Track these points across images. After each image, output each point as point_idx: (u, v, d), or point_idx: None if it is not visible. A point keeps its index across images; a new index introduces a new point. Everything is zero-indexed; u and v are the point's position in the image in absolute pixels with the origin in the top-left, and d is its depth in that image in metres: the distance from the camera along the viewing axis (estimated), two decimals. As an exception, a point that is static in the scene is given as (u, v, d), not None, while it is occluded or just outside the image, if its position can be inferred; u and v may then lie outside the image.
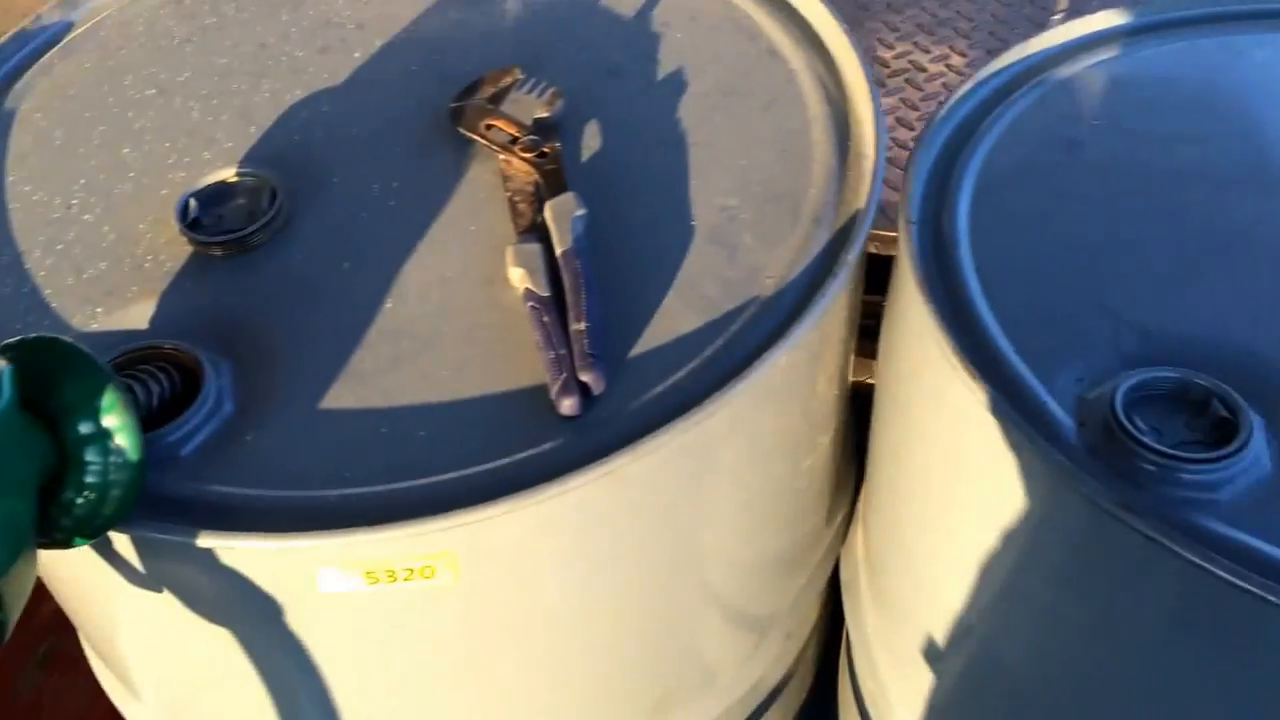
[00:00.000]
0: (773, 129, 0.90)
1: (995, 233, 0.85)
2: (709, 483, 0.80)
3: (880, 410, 0.94)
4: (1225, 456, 0.69)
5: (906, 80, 1.39)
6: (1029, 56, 0.98)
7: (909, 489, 0.90)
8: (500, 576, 0.75)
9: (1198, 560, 0.65)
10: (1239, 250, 0.82)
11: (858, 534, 1.06)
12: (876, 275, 0.96)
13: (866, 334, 0.96)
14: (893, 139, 1.29)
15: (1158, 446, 0.70)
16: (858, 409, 1.03)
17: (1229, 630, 0.69)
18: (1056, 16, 1.45)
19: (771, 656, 1.00)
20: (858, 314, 0.93)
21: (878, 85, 1.39)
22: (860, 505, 1.07)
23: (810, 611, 1.06)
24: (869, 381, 1.01)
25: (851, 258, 0.80)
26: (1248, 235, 0.83)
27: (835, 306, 0.82)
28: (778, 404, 0.81)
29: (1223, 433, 0.71)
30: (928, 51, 1.43)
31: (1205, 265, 0.81)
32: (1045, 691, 0.85)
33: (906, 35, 1.45)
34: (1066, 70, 0.97)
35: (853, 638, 1.06)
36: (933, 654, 0.93)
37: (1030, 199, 0.87)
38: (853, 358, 0.97)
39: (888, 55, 1.43)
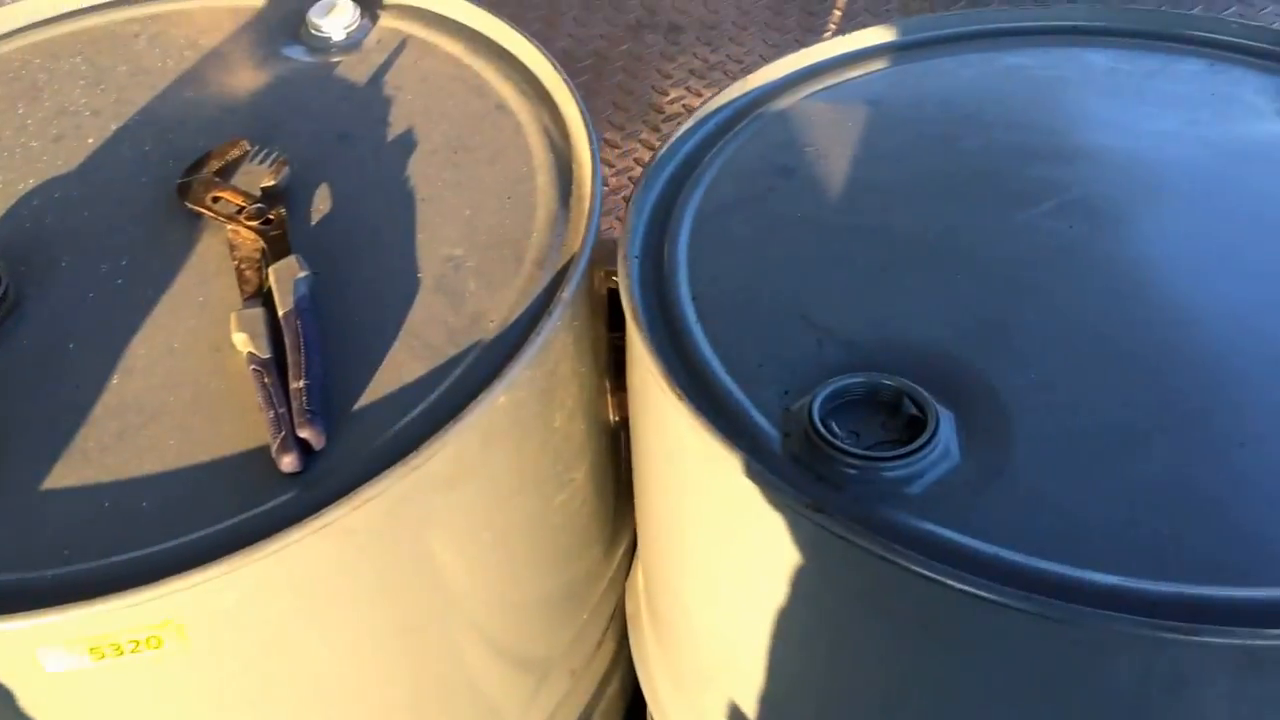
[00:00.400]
0: (499, 179, 0.94)
1: (712, 261, 0.89)
2: (446, 526, 0.82)
3: (634, 442, 0.97)
4: (914, 451, 0.73)
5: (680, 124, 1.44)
6: (749, 92, 1.03)
7: (655, 515, 0.93)
8: (237, 640, 0.76)
9: (882, 552, 0.69)
10: (934, 258, 0.87)
11: (638, 565, 1.09)
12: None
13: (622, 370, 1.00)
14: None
15: (849, 448, 0.74)
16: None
17: (931, 621, 0.73)
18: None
19: (558, 695, 1.01)
20: (601, 349, 0.96)
21: (653, 130, 1.45)
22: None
23: (596, 647, 1.08)
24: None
25: (567, 295, 0.83)
26: (942, 244, 0.88)
27: (559, 343, 0.85)
28: (510, 443, 0.84)
29: (914, 430, 0.75)
30: (700, 95, 1.48)
31: (903, 275, 0.86)
32: (806, 701, 0.88)
33: (680, 81, 1.51)
34: (783, 103, 1.02)
35: (638, 670, 1.08)
36: (701, 679, 0.96)
37: (746, 226, 0.92)
38: (611, 394, 1.00)
39: (663, 101, 1.49)
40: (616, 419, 1.03)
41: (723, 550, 0.83)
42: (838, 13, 1.57)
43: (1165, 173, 0.93)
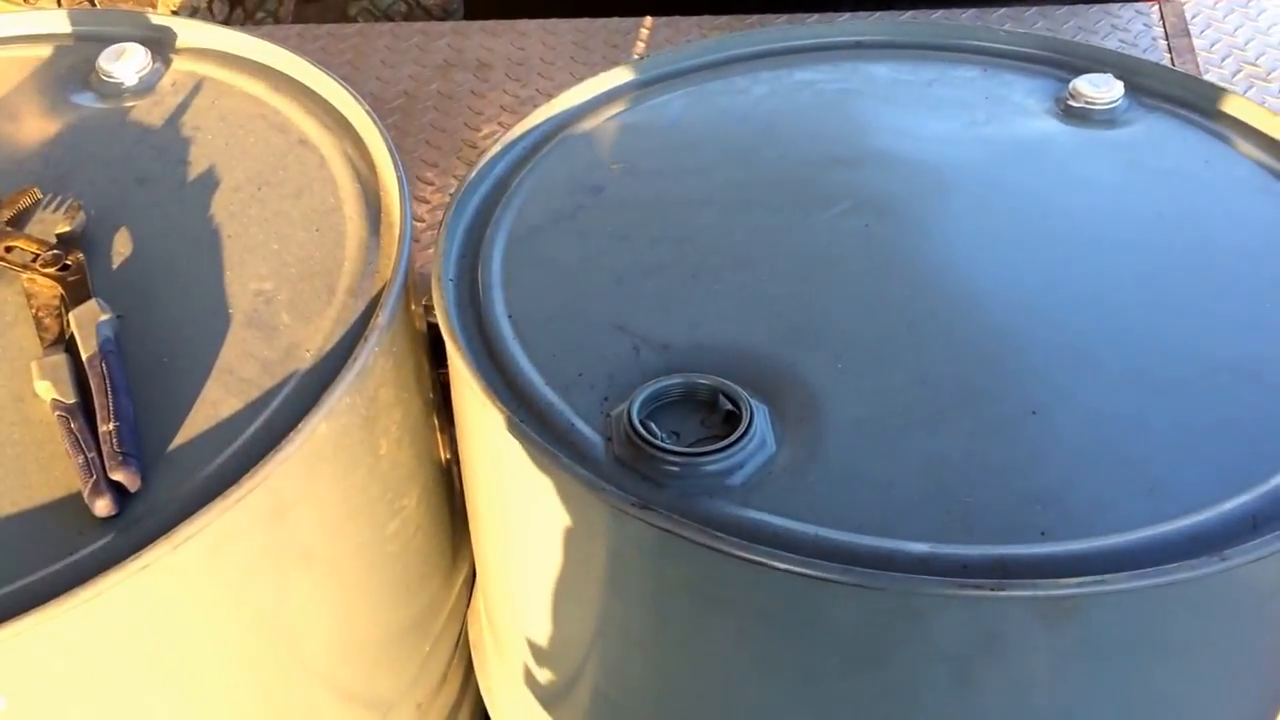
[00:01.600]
0: (306, 212, 0.94)
1: (526, 279, 0.91)
2: (275, 561, 0.81)
3: (464, 469, 0.98)
4: (731, 445, 0.76)
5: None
6: (553, 116, 1.06)
7: (489, 536, 0.94)
8: (60, 692, 0.74)
9: (708, 542, 0.71)
10: (740, 263, 0.91)
11: (479, 593, 1.09)
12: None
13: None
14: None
15: (669, 446, 0.76)
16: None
17: (760, 605, 0.76)
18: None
19: (406, 731, 1.01)
20: (425, 380, 0.97)
21: (468, 165, 1.47)
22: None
23: (442, 680, 1.07)
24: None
25: (383, 321, 0.84)
26: (747, 249, 0.92)
27: (378, 369, 0.86)
28: (335, 470, 0.84)
29: (732, 425, 0.78)
30: (512, 130, 1.51)
31: (713, 280, 0.90)
32: (650, 703, 0.90)
33: (492, 117, 1.53)
34: (587, 124, 1.06)
35: (485, 699, 1.08)
36: (548, 697, 0.96)
37: (559, 243, 0.94)
38: (441, 429, 1.01)
39: (476, 137, 1.50)
40: (448, 456, 1.04)
41: (556, 562, 0.84)
42: (640, 44, 1.62)
43: (949, 171, 0.99)
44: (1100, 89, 1.04)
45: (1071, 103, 1.04)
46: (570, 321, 0.87)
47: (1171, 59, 1.54)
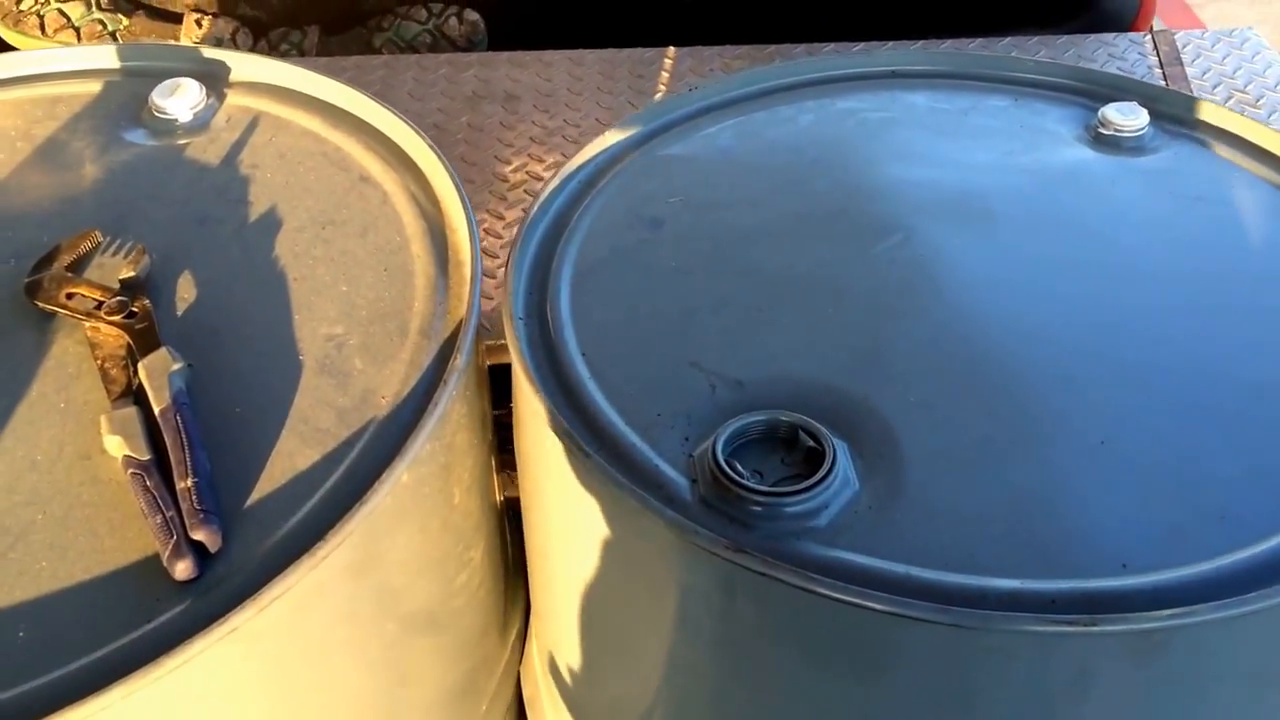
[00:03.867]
0: (372, 252, 0.83)
1: (596, 315, 0.80)
2: (352, 619, 0.70)
3: (527, 515, 0.87)
4: (816, 484, 0.67)
5: (526, 191, 1.36)
6: (607, 149, 0.96)
7: (560, 587, 0.83)
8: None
9: (802, 584, 0.62)
10: (804, 295, 0.81)
11: (532, 648, 0.98)
12: (506, 385, 0.90)
13: (506, 447, 0.90)
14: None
15: (756, 486, 0.66)
16: (515, 522, 0.96)
17: (852, 646, 0.66)
18: (649, 112, 1.46)
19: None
20: (489, 423, 0.86)
21: (500, 199, 1.36)
22: (532, 619, 0.99)
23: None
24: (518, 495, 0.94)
25: (461, 363, 0.73)
26: (809, 281, 0.82)
27: (454, 414, 0.75)
28: (413, 523, 0.73)
29: (812, 462, 0.69)
30: (542, 161, 1.40)
31: (779, 313, 0.80)
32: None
33: (521, 149, 1.42)
34: (641, 158, 0.95)
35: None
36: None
37: (624, 278, 0.83)
38: (496, 471, 0.90)
39: (506, 170, 1.39)
40: (501, 498, 0.93)
41: (638, 609, 0.74)
42: (665, 74, 1.52)
43: (995, 200, 0.89)
44: (1128, 117, 0.94)
45: (1102, 130, 0.95)
46: (643, 359, 0.77)
47: (1167, 85, 1.45)
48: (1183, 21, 1.75)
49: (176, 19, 1.62)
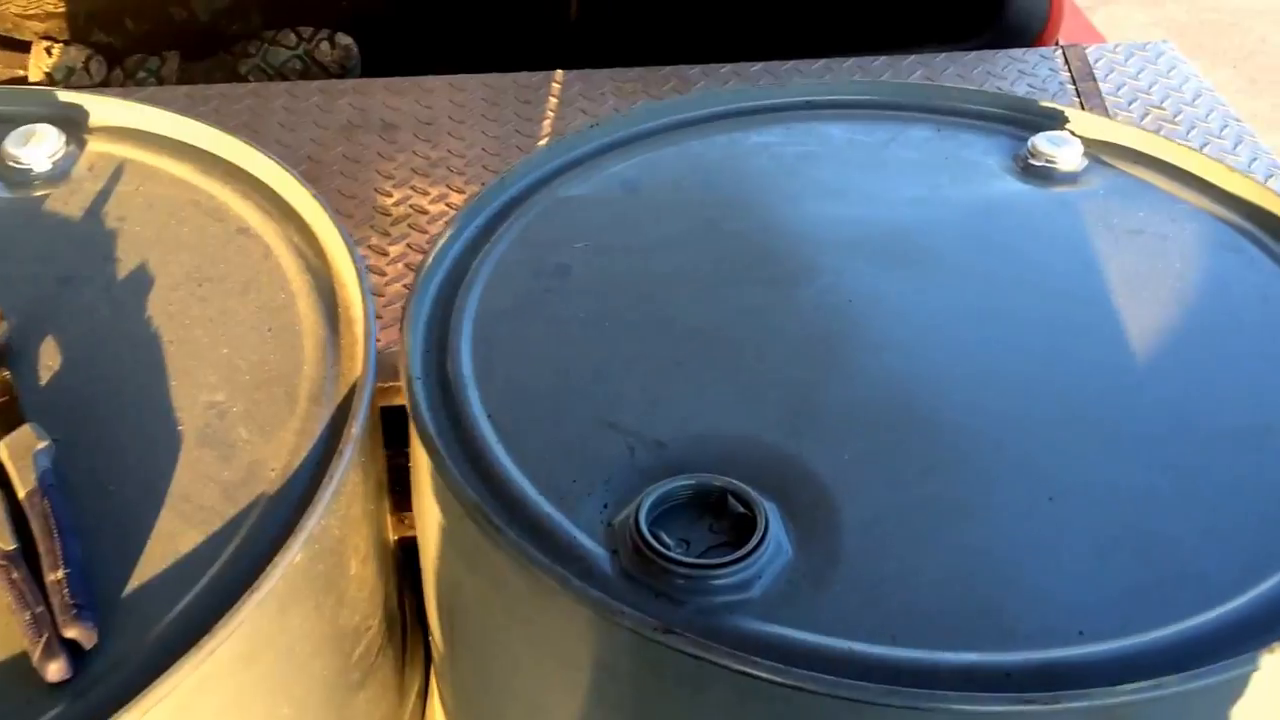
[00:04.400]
0: (254, 311, 0.84)
1: (501, 372, 0.83)
2: (245, 710, 0.71)
3: (428, 578, 0.89)
4: (747, 555, 0.70)
5: (410, 225, 1.38)
6: (507, 190, 0.98)
7: (467, 651, 0.85)
8: None
9: (739, 666, 0.64)
10: (726, 346, 0.85)
11: (433, 704, 0.99)
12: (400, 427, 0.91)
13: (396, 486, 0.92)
14: (405, 286, 1.26)
15: (683, 558, 0.69)
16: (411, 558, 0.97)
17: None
18: (542, 142, 1.49)
19: None
20: (383, 477, 0.88)
21: (382, 234, 1.38)
22: (434, 675, 1.01)
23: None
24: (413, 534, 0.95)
25: (357, 431, 0.75)
26: (731, 331, 0.86)
27: (350, 485, 0.76)
28: (307, 603, 0.74)
29: (744, 530, 0.72)
30: (426, 193, 1.42)
31: (700, 366, 0.83)
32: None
33: (402, 181, 1.44)
34: (543, 198, 0.98)
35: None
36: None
37: (530, 331, 0.86)
38: (389, 518, 0.92)
39: (388, 203, 1.41)
40: (395, 539, 0.94)
41: (555, 688, 0.76)
42: (553, 99, 1.55)
43: (920, 238, 0.94)
44: (1060, 147, 1.01)
45: (1032, 161, 1.01)
46: (555, 420, 0.80)
47: (1081, 103, 1.54)
48: (1075, 27, 1.85)
49: (25, 47, 1.61)
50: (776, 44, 1.64)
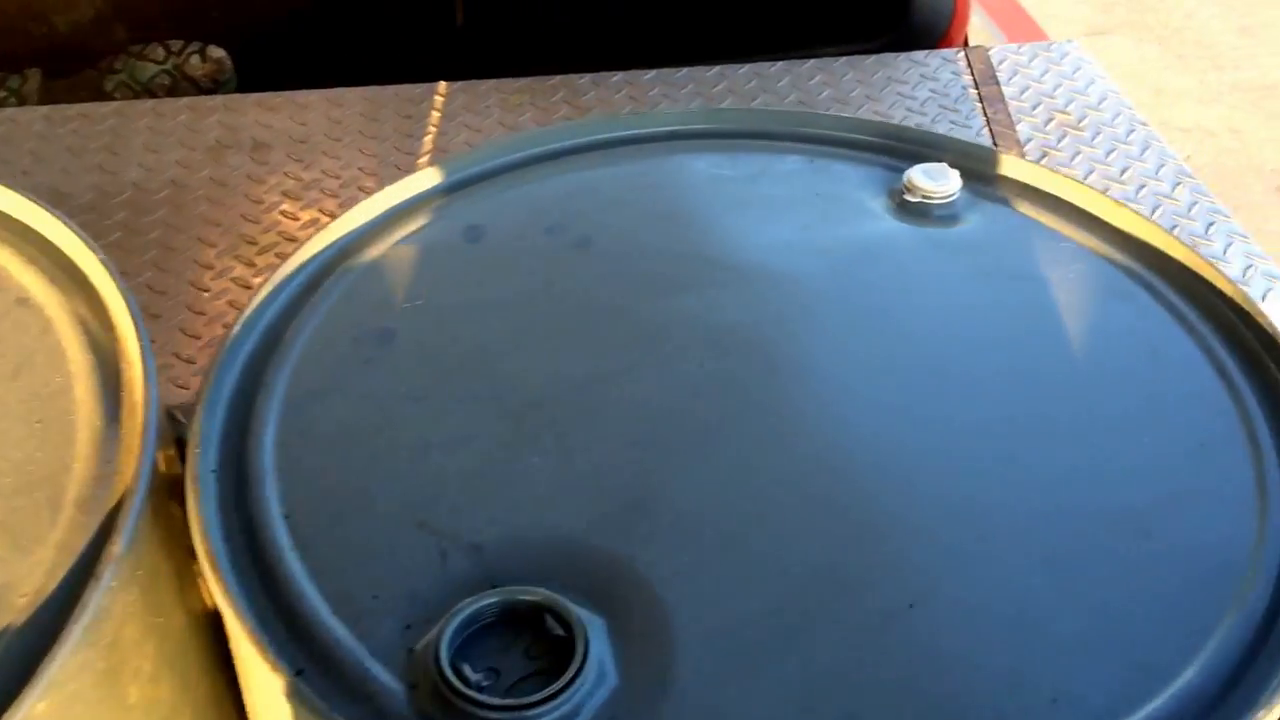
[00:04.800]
0: (24, 398, 0.72)
1: (307, 463, 0.72)
2: None
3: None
4: (563, 688, 0.60)
5: (278, 255, 1.26)
6: (335, 242, 0.87)
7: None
8: None
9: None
10: (562, 425, 0.75)
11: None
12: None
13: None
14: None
15: (489, 700, 0.59)
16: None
17: None
18: (423, 160, 1.38)
19: None
20: (187, 569, 0.76)
21: (247, 265, 1.26)
22: None
23: None
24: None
25: (120, 549, 0.64)
26: (569, 406, 0.76)
27: (119, 606, 0.65)
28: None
29: (563, 654, 0.62)
30: (296, 219, 1.30)
31: (530, 450, 0.73)
32: None
33: (272, 205, 1.32)
34: (376, 249, 0.87)
35: None
36: None
37: (344, 411, 0.75)
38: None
39: (255, 230, 1.29)
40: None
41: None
42: (436, 113, 1.44)
43: (789, 288, 0.84)
44: (938, 182, 0.91)
45: (908, 197, 0.91)
46: (361, 520, 0.69)
47: (983, 108, 1.44)
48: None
49: None
50: (673, 49, 1.53)
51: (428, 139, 1.41)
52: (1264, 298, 1.19)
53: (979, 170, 0.94)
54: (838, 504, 0.70)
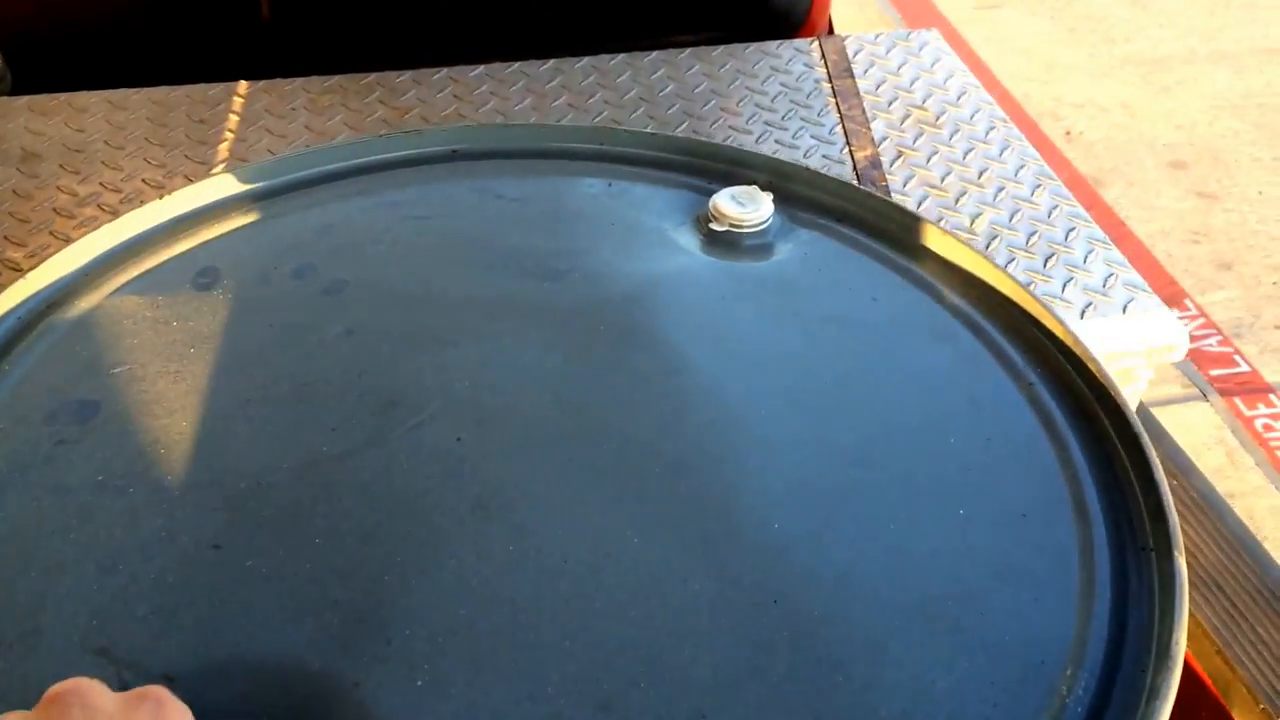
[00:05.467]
0: None
1: (-32, 577, 0.61)
2: None
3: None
4: None
5: (40, 284, 1.13)
6: (37, 294, 0.75)
7: None
8: None
9: None
10: (277, 521, 0.63)
11: None
12: None
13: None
14: None
15: None
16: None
17: None
18: (217, 170, 1.25)
19: None
20: None
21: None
22: None
23: None
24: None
25: None
26: (289, 496, 0.65)
27: None
28: None
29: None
30: (69, 240, 1.17)
31: (240, 551, 0.62)
32: None
33: (39, 226, 1.18)
34: (88, 301, 0.75)
35: None
36: None
37: (26, 509, 0.64)
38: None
39: (18, 256, 1.15)
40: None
41: None
42: (235, 116, 1.31)
43: (568, 343, 0.74)
44: (746, 208, 0.81)
45: (715, 226, 0.82)
46: (31, 644, 0.58)
47: (836, 103, 1.36)
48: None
49: None
50: (505, 41, 1.42)
51: (223, 146, 1.28)
52: (1125, 309, 1.12)
53: (796, 192, 0.85)
54: (598, 608, 0.60)
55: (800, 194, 0.85)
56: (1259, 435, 2.38)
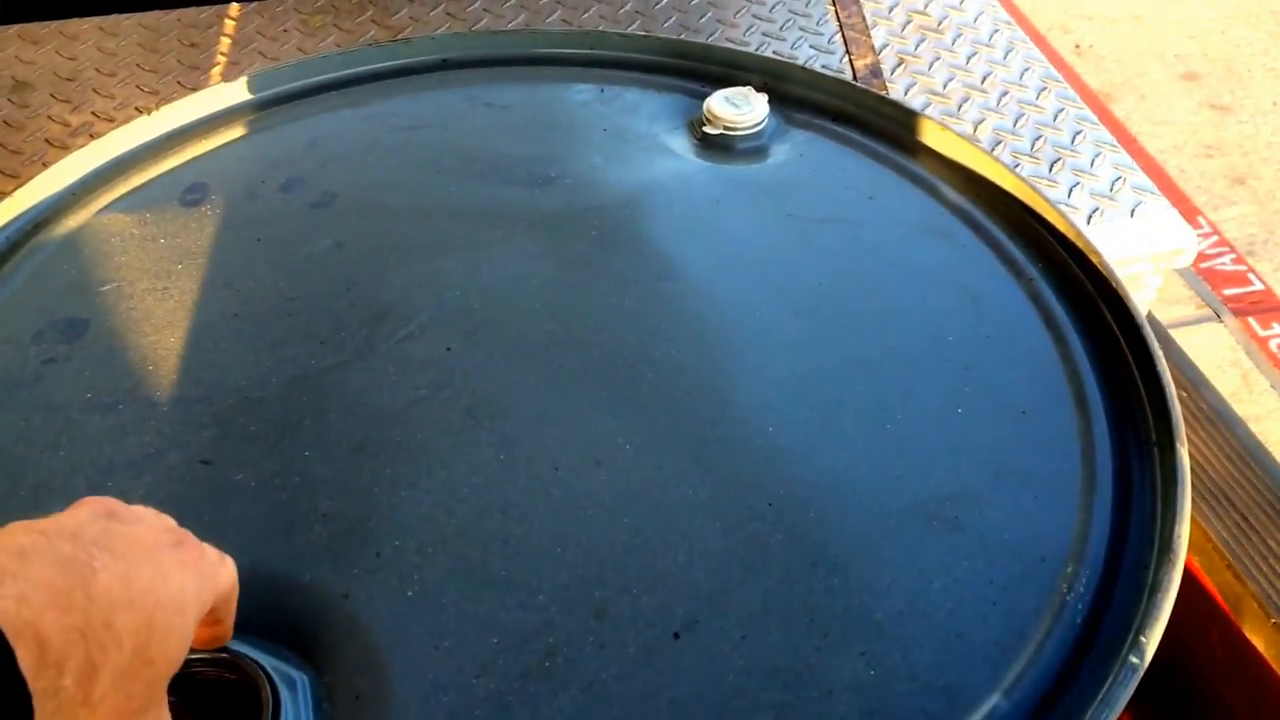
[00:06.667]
0: None
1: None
2: None
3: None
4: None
5: (36, 212, 1.11)
6: (24, 213, 0.74)
7: None
8: None
9: None
10: (270, 433, 0.62)
11: None
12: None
13: None
14: None
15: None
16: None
17: None
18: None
19: None
20: None
21: None
22: None
23: None
24: None
25: None
26: (282, 408, 0.63)
27: None
28: None
29: (245, 723, 0.51)
30: (60, 169, 1.15)
31: (231, 465, 0.60)
32: None
33: (32, 156, 1.16)
34: (74, 220, 0.74)
35: None
36: None
37: (16, 427, 0.63)
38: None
39: (12, 187, 1.14)
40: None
41: None
42: (227, 39, 1.28)
43: (561, 251, 0.72)
44: (740, 110, 0.79)
45: (708, 129, 0.79)
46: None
47: (836, 12, 1.32)
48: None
49: None
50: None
51: (215, 70, 1.25)
52: (1133, 213, 1.09)
53: (792, 93, 0.82)
54: (587, 516, 0.58)
55: (796, 94, 0.82)
56: (1274, 356, 2.32)
